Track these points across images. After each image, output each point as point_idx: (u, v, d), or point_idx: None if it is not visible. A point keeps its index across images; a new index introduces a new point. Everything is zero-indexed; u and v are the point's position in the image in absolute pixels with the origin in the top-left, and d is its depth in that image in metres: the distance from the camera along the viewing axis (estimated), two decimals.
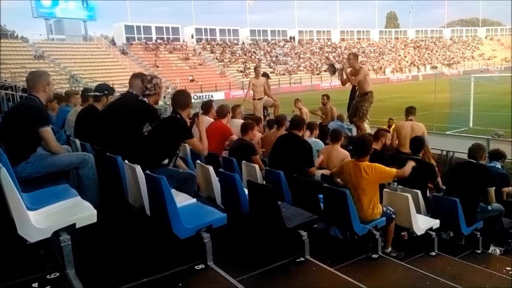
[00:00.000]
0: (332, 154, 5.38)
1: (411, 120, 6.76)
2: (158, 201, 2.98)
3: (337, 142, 5.51)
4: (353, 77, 7.53)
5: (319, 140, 6.15)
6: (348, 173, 3.92)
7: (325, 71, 46.25)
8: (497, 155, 5.88)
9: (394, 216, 3.98)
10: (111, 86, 6.25)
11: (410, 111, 6.85)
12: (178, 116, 3.91)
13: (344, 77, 7.65)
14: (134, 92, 4.22)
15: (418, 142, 5.19)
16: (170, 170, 3.79)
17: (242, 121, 7.18)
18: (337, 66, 8.06)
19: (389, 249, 4.01)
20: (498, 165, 5.78)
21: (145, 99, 4.07)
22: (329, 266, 3.18)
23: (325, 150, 5.52)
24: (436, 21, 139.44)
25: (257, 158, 5.15)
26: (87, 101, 5.65)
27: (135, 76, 4.40)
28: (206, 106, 6.64)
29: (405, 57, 63.35)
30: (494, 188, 4.86)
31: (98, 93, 5.34)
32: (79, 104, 6.07)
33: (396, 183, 5.09)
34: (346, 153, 5.30)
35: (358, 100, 7.83)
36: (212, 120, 6.13)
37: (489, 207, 4.88)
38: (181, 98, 4.03)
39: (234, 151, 5.25)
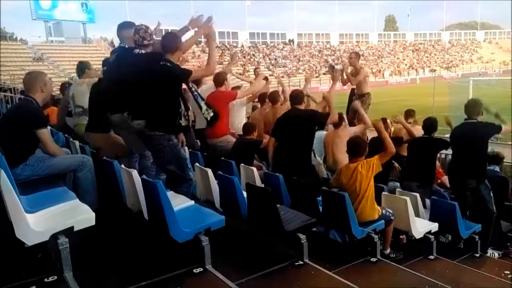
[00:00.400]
0: (336, 139, 5.42)
1: (410, 123, 6.77)
2: (155, 206, 2.98)
3: (340, 126, 5.53)
4: (353, 78, 7.58)
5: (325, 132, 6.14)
6: (345, 177, 3.88)
7: (324, 74, 46.28)
8: (496, 158, 5.89)
9: (393, 218, 3.96)
10: None
11: (409, 114, 6.87)
12: (168, 64, 3.45)
13: (345, 77, 7.71)
14: (126, 46, 3.76)
15: (431, 122, 5.33)
16: (170, 145, 3.56)
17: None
18: (337, 67, 8.11)
19: (388, 250, 4.00)
20: (497, 168, 5.79)
21: (142, 51, 3.64)
22: (327, 270, 3.17)
23: (329, 135, 5.54)
24: (435, 24, 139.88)
25: (264, 142, 5.15)
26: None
27: (123, 27, 3.89)
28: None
29: (404, 60, 63.44)
30: (502, 129, 5.01)
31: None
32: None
33: (397, 183, 5.11)
34: (352, 129, 5.32)
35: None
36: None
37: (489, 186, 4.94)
38: (168, 41, 3.53)
39: (236, 150, 5.21)
